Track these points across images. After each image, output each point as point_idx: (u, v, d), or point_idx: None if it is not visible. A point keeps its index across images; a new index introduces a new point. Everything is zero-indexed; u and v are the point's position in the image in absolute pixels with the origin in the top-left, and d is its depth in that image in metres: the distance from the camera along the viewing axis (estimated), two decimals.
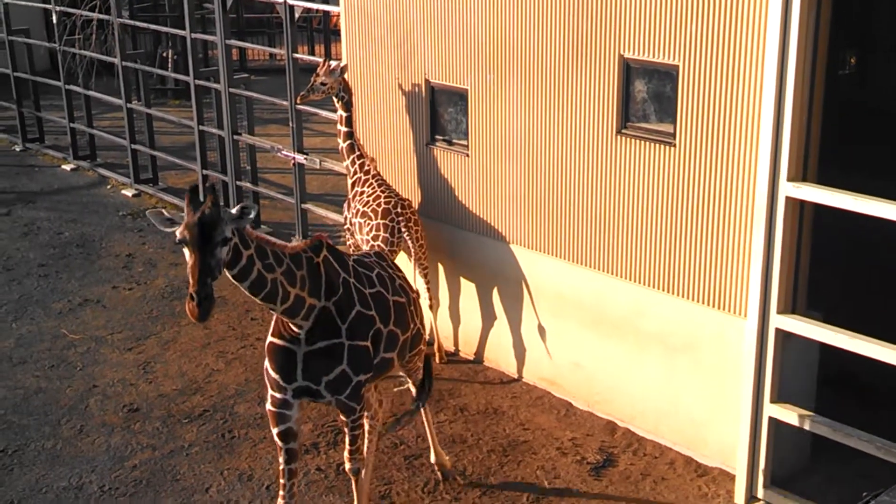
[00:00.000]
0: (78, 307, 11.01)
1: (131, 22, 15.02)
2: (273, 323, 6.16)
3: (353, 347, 6.18)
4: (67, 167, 16.20)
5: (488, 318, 9.39)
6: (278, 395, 6.19)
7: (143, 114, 14.67)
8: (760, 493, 7.29)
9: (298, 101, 10.14)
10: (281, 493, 6.35)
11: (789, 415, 7.03)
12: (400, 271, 7.19)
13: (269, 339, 6.17)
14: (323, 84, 9.50)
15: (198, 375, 9.40)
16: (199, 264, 5.25)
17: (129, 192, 14.82)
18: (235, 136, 12.65)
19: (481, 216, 9.18)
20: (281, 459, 6.33)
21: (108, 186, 15.27)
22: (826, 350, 7.08)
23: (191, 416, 8.71)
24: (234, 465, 7.96)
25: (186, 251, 5.33)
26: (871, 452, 6.55)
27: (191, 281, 5.27)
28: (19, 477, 7.91)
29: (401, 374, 7.31)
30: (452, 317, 9.72)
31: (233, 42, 12.86)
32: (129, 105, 14.64)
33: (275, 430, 6.27)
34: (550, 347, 8.88)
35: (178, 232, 5.31)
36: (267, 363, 6.19)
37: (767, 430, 7.15)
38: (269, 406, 6.25)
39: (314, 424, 8.39)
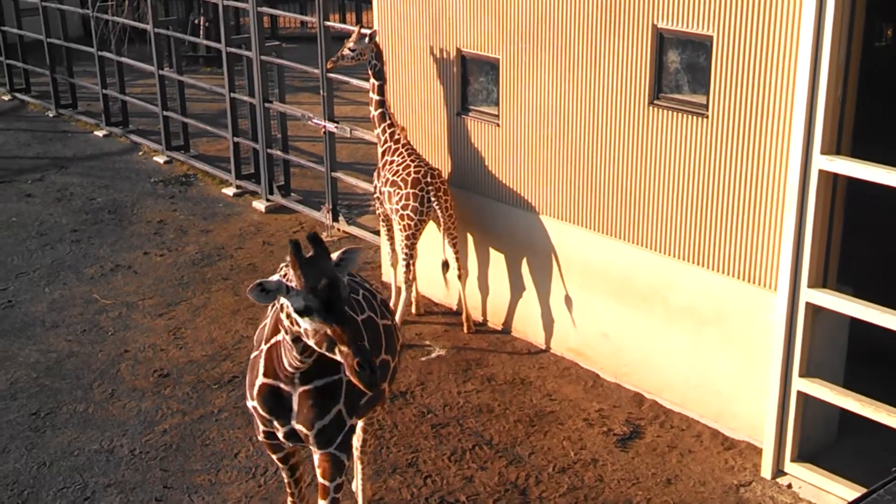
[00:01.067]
0: (110, 272, 11.11)
1: None
2: (263, 362, 5.30)
3: (349, 384, 5.32)
4: (100, 133, 16.28)
5: (517, 288, 9.38)
6: (269, 431, 5.54)
7: (174, 81, 14.70)
8: (787, 466, 7.28)
9: (329, 67, 10.15)
10: (290, 500, 5.97)
11: (818, 389, 7.00)
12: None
13: (262, 379, 5.32)
14: (352, 51, 9.50)
15: (227, 342, 9.47)
16: (351, 329, 4.58)
17: (160, 159, 14.89)
18: (266, 104, 12.66)
19: (511, 186, 9.17)
20: (285, 475, 5.92)
21: (140, 153, 15.35)
22: (856, 325, 7.04)
23: (220, 382, 8.78)
24: None
25: (312, 321, 4.62)
26: None
27: (348, 350, 4.54)
28: (51, 439, 8.02)
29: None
30: (481, 287, 9.73)
31: (264, 9, 12.86)
32: (161, 72, 14.68)
33: (273, 456, 5.80)
34: (578, 318, 8.87)
35: (302, 299, 4.59)
36: (254, 403, 5.42)
37: (795, 405, 7.13)
38: (260, 437, 5.64)
39: None
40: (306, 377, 5.24)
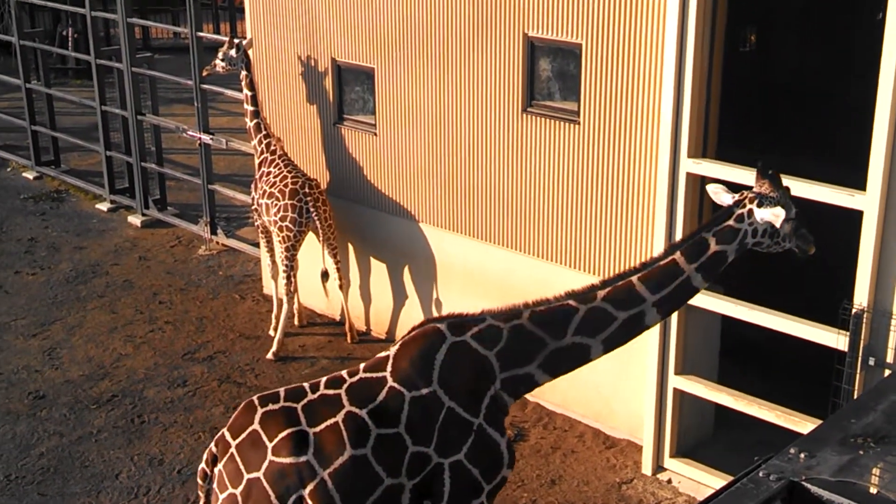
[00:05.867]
0: None
1: None
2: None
3: None
4: None
5: (399, 296, 9.41)
6: None
7: (43, 94, 14.34)
8: (667, 462, 7.47)
9: (204, 75, 10.11)
10: None
11: (693, 386, 7.20)
12: None
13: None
14: (224, 59, 9.55)
15: (105, 360, 9.26)
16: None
17: (30, 175, 14.47)
18: (139, 117, 12.44)
19: (390, 195, 9.19)
20: None
21: (9, 169, 14.90)
22: (728, 322, 7.26)
23: (99, 402, 8.59)
24: (144, 450, 7.88)
25: (791, 221, 5.28)
26: (771, 420, 6.76)
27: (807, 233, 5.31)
28: None
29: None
30: (363, 296, 9.73)
31: (135, 20, 12.62)
32: (28, 85, 14.29)
33: None
34: None
35: (793, 205, 5.26)
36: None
37: (672, 402, 7.32)
38: None
39: None
40: None
